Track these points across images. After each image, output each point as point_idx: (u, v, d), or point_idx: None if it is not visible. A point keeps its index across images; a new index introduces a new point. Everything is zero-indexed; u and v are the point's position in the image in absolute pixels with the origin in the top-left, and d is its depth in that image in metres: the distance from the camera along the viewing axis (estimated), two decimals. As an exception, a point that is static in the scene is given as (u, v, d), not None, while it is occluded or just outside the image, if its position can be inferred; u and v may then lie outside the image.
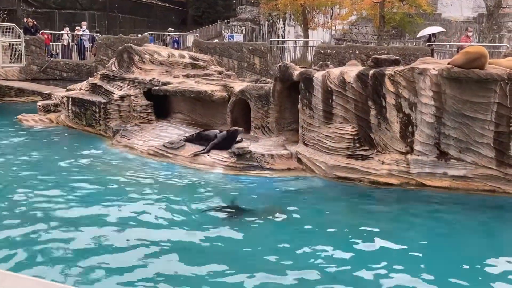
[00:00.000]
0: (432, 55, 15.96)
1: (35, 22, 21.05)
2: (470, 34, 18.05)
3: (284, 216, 6.75)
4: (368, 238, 6.01)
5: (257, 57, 18.87)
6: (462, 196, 7.68)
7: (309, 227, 6.41)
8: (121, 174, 8.53)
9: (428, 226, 6.77)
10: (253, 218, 6.65)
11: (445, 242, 6.12)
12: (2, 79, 17.79)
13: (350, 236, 6.12)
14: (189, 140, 9.97)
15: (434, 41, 18.56)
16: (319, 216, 6.86)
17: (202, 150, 9.45)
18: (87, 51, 21.38)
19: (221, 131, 10.02)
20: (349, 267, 5.18)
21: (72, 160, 9.39)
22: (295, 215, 6.85)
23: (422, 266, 5.28)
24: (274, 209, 7.03)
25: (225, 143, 9.31)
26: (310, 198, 7.69)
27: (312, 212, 6.94)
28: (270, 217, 6.72)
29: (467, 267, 5.34)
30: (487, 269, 5.25)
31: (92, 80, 13.03)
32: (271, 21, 31.87)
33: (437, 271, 5.14)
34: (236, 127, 9.54)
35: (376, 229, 6.31)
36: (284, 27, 31.37)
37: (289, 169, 8.99)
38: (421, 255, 5.69)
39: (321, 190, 8.12)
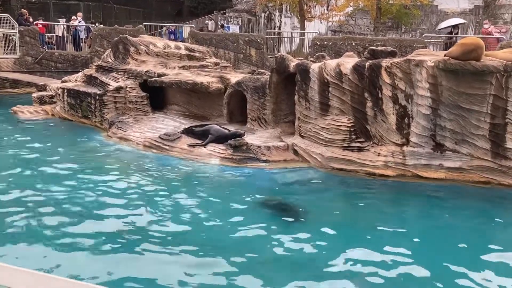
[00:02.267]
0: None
1: (27, 16, 20.73)
2: (487, 26, 17.57)
3: (281, 205, 6.82)
4: (363, 230, 6.06)
5: (253, 48, 18.79)
6: (457, 187, 7.69)
7: (305, 219, 6.45)
8: (117, 166, 8.50)
9: (423, 217, 6.80)
10: (252, 210, 6.67)
11: (440, 233, 6.12)
12: (-4, 70, 17.61)
13: (346, 229, 6.16)
14: (187, 132, 9.95)
15: (457, 33, 18.18)
16: (316, 208, 6.86)
17: (200, 143, 9.44)
18: (82, 42, 21.19)
19: (219, 125, 10.05)
20: (345, 259, 5.19)
21: (68, 152, 9.32)
22: (292, 207, 6.87)
23: (417, 257, 5.30)
24: (276, 199, 7.08)
25: (224, 140, 9.31)
26: (306, 190, 7.68)
27: (309, 204, 6.94)
28: (271, 208, 6.77)
29: (462, 257, 5.37)
30: (481, 258, 5.31)
31: (87, 71, 12.89)
32: (267, 12, 31.69)
33: (431, 261, 5.18)
34: (241, 132, 9.40)
35: (372, 220, 6.36)
36: (281, 18, 31.21)
37: (285, 161, 9.00)
38: (416, 246, 5.71)
39: (317, 181, 8.12)
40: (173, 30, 24.73)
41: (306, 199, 7.14)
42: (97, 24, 21.39)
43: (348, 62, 8.85)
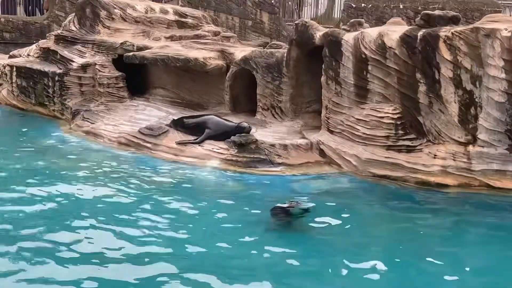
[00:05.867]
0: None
1: None
2: None
3: (305, 228, 6.82)
4: (411, 262, 6.02)
5: (266, 13, 18.75)
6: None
7: (335, 244, 6.47)
8: (83, 171, 8.55)
9: (495, 246, 6.60)
10: (263, 231, 6.68)
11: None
12: None
13: (388, 258, 6.10)
14: (176, 126, 10.03)
15: None
16: (348, 229, 6.86)
17: (193, 140, 9.53)
18: (37, 4, 21.26)
19: (219, 116, 10.11)
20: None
21: (15, 152, 9.38)
22: (317, 227, 6.86)
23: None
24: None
25: (226, 136, 9.38)
26: (336, 205, 7.70)
27: (339, 224, 6.95)
28: (288, 230, 6.76)
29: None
30: None
31: (43, 43, 12.89)
32: (285, -36, 31.59)
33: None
34: (248, 126, 9.41)
35: (423, 249, 6.30)
36: (303, -28, 31.11)
37: (308, 165, 9.09)
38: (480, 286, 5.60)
39: (351, 193, 8.20)
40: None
41: (335, 218, 7.10)
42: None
43: (394, 31, 8.82)
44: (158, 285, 5.22)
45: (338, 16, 19.94)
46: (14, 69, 12.33)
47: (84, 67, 11.61)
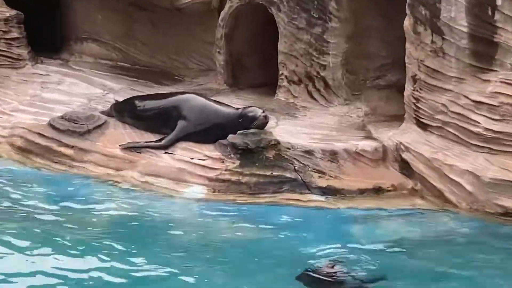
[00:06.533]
0: None
1: None
2: None
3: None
4: None
5: None
6: None
7: None
8: None
9: None
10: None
11: None
12: None
13: None
14: (120, 113, 10.02)
15: None
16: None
17: (154, 141, 9.41)
18: None
19: (202, 95, 10.16)
20: None
21: None
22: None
23: None
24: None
25: (217, 135, 9.02)
26: (433, 272, 7.18)
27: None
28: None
29: None
30: None
31: None
32: None
33: None
34: (260, 114, 9.20)
35: None
36: None
37: (378, 190, 8.82)
38: None
39: (464, 248, 7.84)
40: None
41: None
42: None
43: None
44: None
45: None
46: None
47: None
